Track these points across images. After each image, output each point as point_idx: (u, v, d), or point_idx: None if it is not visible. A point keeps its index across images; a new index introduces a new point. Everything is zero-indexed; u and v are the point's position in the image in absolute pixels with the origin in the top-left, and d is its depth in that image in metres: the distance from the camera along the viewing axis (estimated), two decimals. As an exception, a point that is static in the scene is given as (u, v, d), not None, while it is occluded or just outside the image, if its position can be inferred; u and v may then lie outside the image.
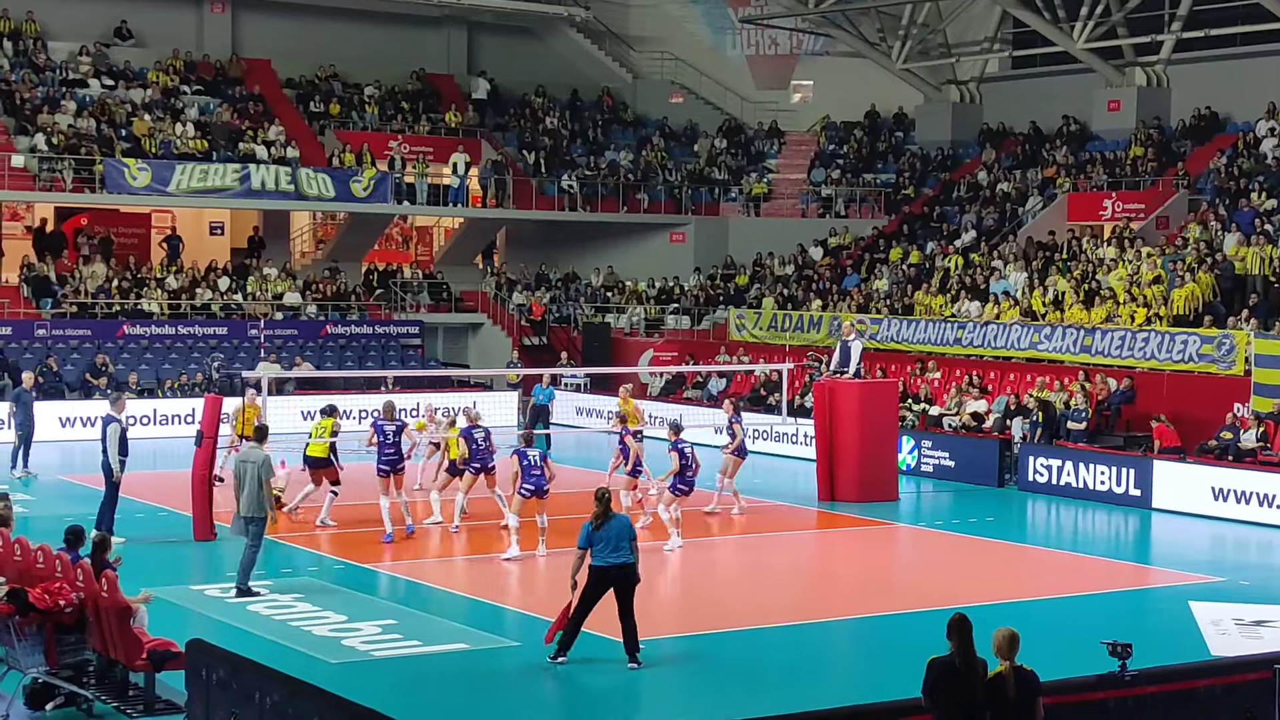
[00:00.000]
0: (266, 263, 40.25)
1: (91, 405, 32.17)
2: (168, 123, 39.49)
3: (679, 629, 16.91)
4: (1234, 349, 28.16)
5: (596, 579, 14.60)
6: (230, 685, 11.52)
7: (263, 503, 17.60)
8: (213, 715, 11.71)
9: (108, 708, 13.03)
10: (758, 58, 47.99)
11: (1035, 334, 31.67)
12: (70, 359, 34.38)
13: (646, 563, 20.59)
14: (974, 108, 44.60)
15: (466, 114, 44.20)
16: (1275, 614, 17.58)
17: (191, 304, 37.62)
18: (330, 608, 17.21)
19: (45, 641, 13.06)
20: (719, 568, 20.80)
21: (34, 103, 38.42)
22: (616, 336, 40.15)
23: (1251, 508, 24.12)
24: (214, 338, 36.64)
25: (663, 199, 44.08)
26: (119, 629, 13.12)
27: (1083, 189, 38.53)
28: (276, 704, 10.93)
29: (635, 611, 14.55)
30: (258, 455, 17.83)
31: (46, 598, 13.12)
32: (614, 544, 14.59)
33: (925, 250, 39.13)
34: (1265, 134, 36.38)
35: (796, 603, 18.67)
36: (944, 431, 29.82)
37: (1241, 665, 12.54)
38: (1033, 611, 16.94)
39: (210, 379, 33.99)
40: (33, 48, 40.28)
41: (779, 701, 11.76)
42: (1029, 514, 25.75)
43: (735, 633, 16.60)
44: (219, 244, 41.88)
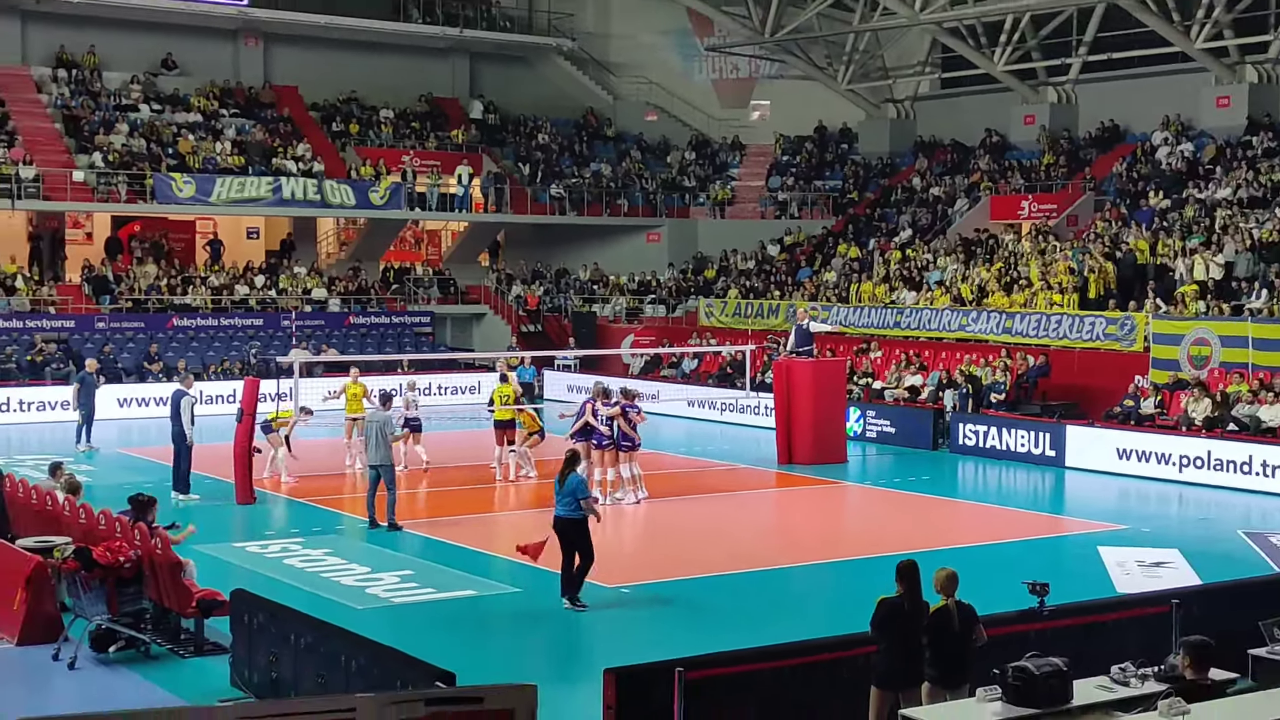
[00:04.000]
0: (296, 262, 40.13)
1: (146, 388, 32.14)
2: (209, 142, 39.29)
3: (659, 575, 16.89)
4: (1134, 329, 28.22)
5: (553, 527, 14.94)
6: (269, 629, 11.49)
7: (388, 453, 18.69)
8: (254, 655, 11.66)
9: (163, 649, 13.00)
10: (721, 81, 47.91)
11: (963, 317, 31.70)
12: (126, 348, 34.25)
13: (620, 517, 20.62)
14: (908, 123, 44.57)
15: (469, 132, 44.08)
16: (1172, 556, 17.64)
17: (231, 299, 37.48)
18: (356, 560, 17.18)
19: (107, 593, 13.02)
20: (692, 521, 20.78)
21: (92, 125, 38.18)
22: (601, 324, 40.13)
23: (1150, 465, 24.23)
24: (251, 328, 36.51)
25: (640, 204, 44.04)
26: (172, 581, 13.07)
27: (1003, 192, 38.57)
28: (309, 644, 10.89)
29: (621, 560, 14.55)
30: (381, 416, 19.02)
31: (108, 555, 13.07)
32: (563, 498, 14.70)
33: (868, 246, 39.13)
34: (1160, 143, 36.46)
35: (761, 551, 18.66)
36: (885, 402, 29.86)
37: (1143, 601, 12.59)
38: (964, 556, 16.95)
39: (248, 364, 33.87)
40: (90, 77, 40.01)
41: (749, 637, 11.74)
42: (959, 473, 25.81)
43: (709, 577, 16.58)
44: (255, 246, 41.72)
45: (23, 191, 35.21)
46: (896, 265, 36.39)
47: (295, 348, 32.96)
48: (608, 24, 47.25)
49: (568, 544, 14.84)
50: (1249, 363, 26.01)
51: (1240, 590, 13.01)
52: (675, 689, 9.32)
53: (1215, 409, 25.04)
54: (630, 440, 21.07)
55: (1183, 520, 21.07)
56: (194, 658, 12.84)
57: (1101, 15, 37.18)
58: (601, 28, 47.29)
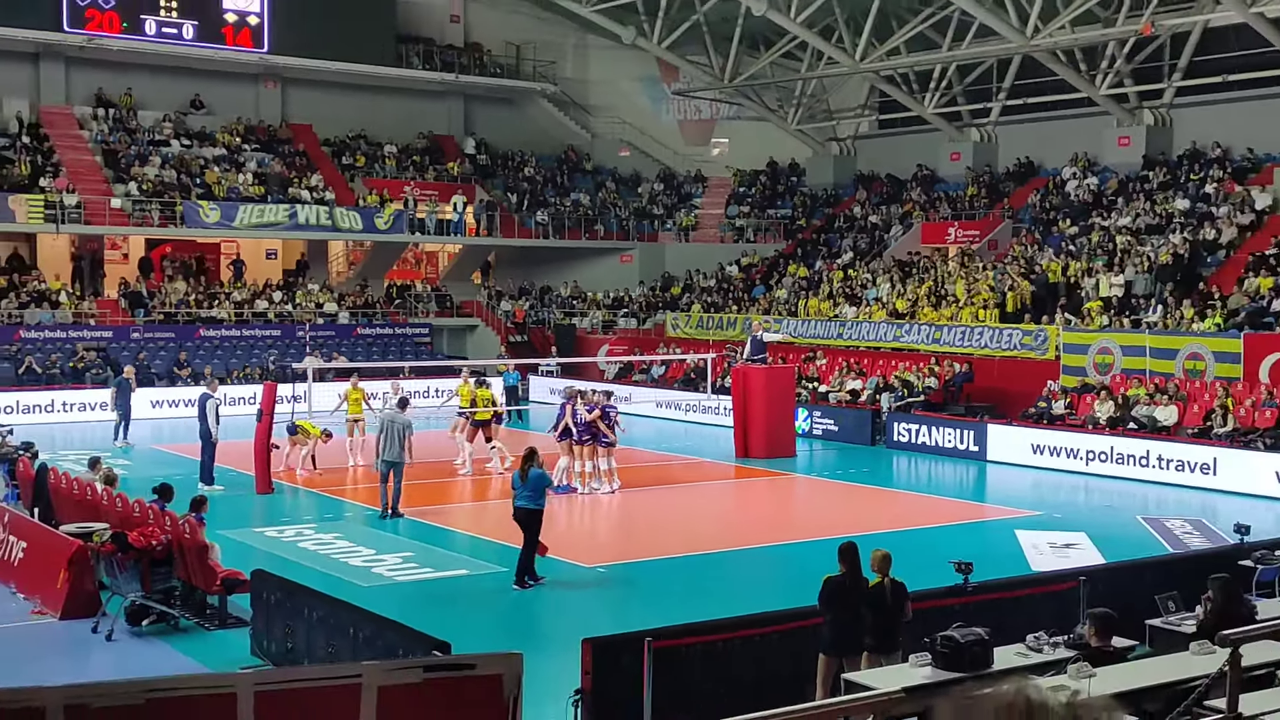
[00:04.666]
0: (310, 280, 39.93)
1: (176, 391, 31.90)
2: (232, 173, 39.06)
3: (631, 556, 16.87)
4: (1047, 339, 28.34)
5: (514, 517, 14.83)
6: (285, 604, 11.43)
7: (402, 451, 18.64)
8: (271, 627, 11.60)
9: (190, 623, 12.92)
10: (686, 121, 47.93)
11: (898, 329, 31.78)
12: (158, 356, 33.98)
13: (596, 505, 20.57)
14: (850, 159, 44.69)
15: (464, 165, 43.95)
16: (1079, 539, 17.72)
17: (252, 312, 37.25)
18: (362, 543, 17.10)
19: (141, 573, 12.94)
20: (661, 508, 20.78)
21: (128, 158, 37.91)
22: (580, 334, 40.05)
23: (1061, 459, 24.34)
24: (270, 338, 36.29)
25: (615, 229, 43.98)
26: (198, 563, 12.99)
27: (932, 219, 38.69)
28: (321, 618, 10.84)
29: (598, 543, 14.50)
30: (402, 419, 18.94)
31: (141, 539, 12.98)
32: (525, 490, 14.60)
33: (814, 267, 39.19)
34: (1069, 178, 36.64)
35: (721, 534, 18.67)
36: (829, 404, 29.90)
37: (1055, 578, 12.63)
38: (899, 539, 16.99)
39: (267, 370, 33.64)
40: (127, 116, 39.73)
41: (710, 610, 11.74)
42: (894, 466, 25.86)
43: (675, 558, 16.58)
44: (273, 266, 41.49)
45: (66, 217, 34.95)
46: (839, 284, 36.45)
47: (309, 355, 32.73)
48: (586, 71, 47.21)
49: (525, 531, 14.72)
50: (1146, 369, 26.16)
51: (1139, 568, 13.08)
52: (644, 657, 9.31)
53: (1117, 410, 25.17)
54: (608, 438, 21.02)
55: (1089, 507, 21.14)
56: (218, 630, 12.76)
57: (1018, 65, 37.37)
58: (580, 74, 47.24)
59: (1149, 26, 30.86)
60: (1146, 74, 35.03)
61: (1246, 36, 30.84)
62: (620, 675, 9.36)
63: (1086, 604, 10.88)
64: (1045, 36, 32.53)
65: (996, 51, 35.41)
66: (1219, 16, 30.25)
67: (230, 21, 39.33)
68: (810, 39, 37.67)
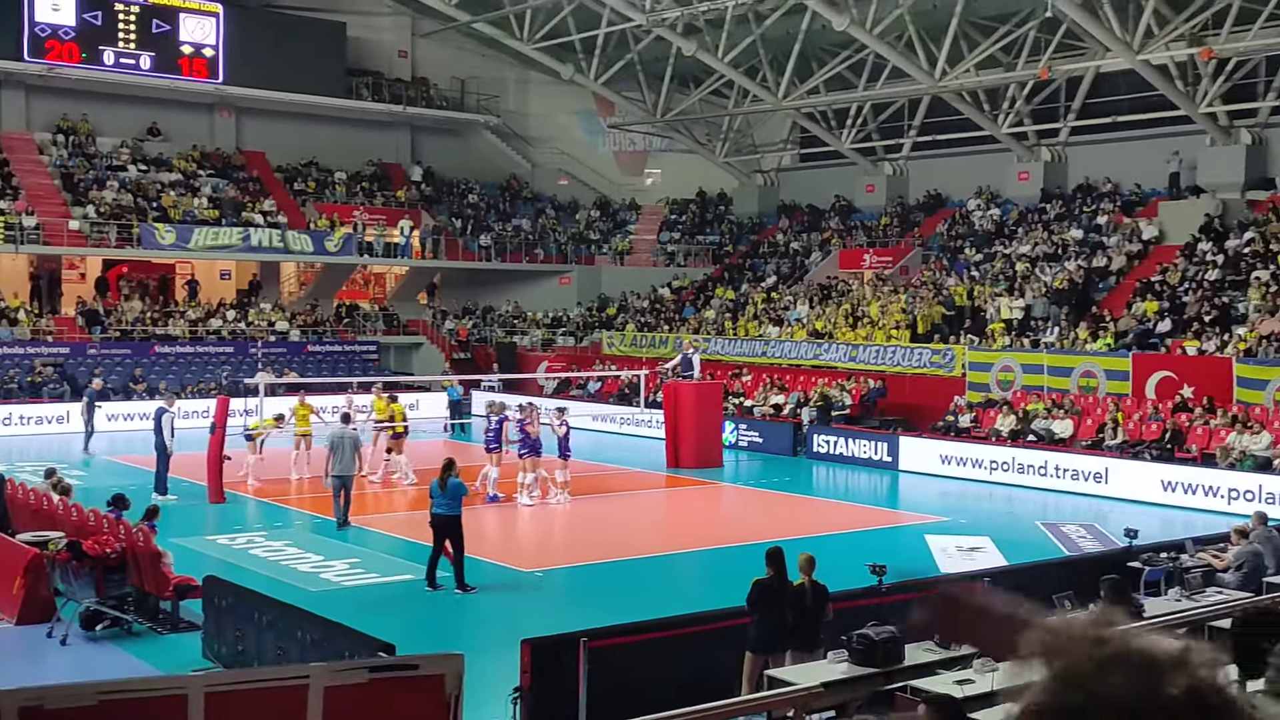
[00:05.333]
0: (262, 299, 39.41)
1: (131, 405, 31.28)
2: (188, 197, 38.46)
3: (568, 560, 16.80)
4: (954, 358, 28.67)
5: (430, 524, 14.64)
6: (236, 609, 11.23)
7: (352, 465, 18.34)
8: (222, 631, 11.39)
9: (143, 628, 12.65)
10: (621, 152, 48.02)
11: (817, 348, 32.00)
12: (114, 371, 33.31)
13: (549, 513, 20.46)
14: (773, 189, 45.01)
15: (410, 192, 43.66)
16: (984, 543, 17.90)
17: (207, 330, 36.67)
18: (311, 550, 16.86)
19: (95, 580, 12.64)
20: (596, 515, 20.72)
21: (86, 182, 37.21)
22: (521, 351, 39.89)
23: (967, 469, 24.59)
24: (223, 355, 35.73)
25: (554, 253, 43.91)
26: (152, 569, 12.73)
27: (849, 246, 39.03)
28: (270, 622, 10.66)
29: (535, 548, 14.41)
30: (352, 433, 18.66)
31: (96, 547, 12.69)
32: (443, 498, 14.44)
33: (740, 290, 39.38)
34: (974, 209, 37.16)
35: (653, 540, 18.64)
36: (754, 417, 30.02)
37: (961, 579, 12.75)
38: (819, 543, 17.03)
39: (220, 385, 33.11)
40: (85, 142, 39.01)
41: (643, 611, 11.70)
42: (814, 475, 25.98)
43: (610, 562, 16.53)
44: (227, 286, 40.88)
45: (25, 238, 34.21)
46: (763, 305, 36.66)
47: (261, 371, 32.26)
48: (526, 104, 47.15)
49: (442, 539, 14.56)
50: (1044, 386, 26.56)
51: (1037, 570, 13.24)
52: (580, 656, 9.25)
53: (1018, 423, 25.51)
54: (534, 445, 20.57)
55: (992, 513, 21.36)
56: (170, 634, 12.51)
57: (928, 105, 37.87)
58: (521, 107, 47.17)
59: (1046, 71, 31.45)
60: (1044, 114, 35.66)
61: (1133, 81, 31.52)
62: (558, 674, 9.30)
63: (991, 603, 10.98)
64: (952, 79, 33.04)
65: (907, 92, 35.86)
66: (1109, 63, 30.89)
67: (186, 54, 38.78)
68: (736, 78, 37.95)
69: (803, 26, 34.54)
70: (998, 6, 31.92)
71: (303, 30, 40.80)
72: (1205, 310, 26.23)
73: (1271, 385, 23.12)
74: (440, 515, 14.52)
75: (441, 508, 14.50)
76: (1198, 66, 29.94)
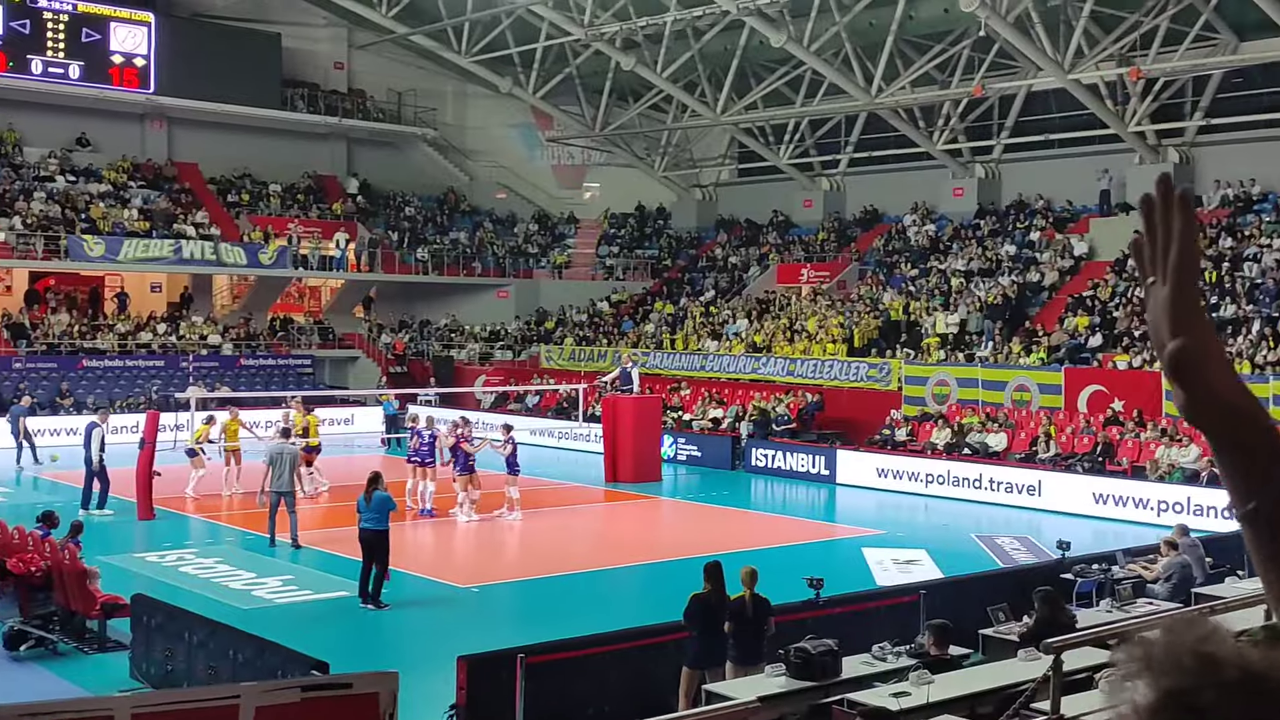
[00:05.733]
0: (194, 313, 38.85)
1: (58, 420, 30.60)
2: (118, 209, 37.82)
3: (506, 576, 16.72)
4: (890, 372, 28.96)
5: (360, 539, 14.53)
6: (165, 628, 11.04)
7: (293, 481, 17.97)
8: (151, 651, 11.18)
9: (69, 648, 12.37)
10: (559, 166, 48.01)
11: (755, 362, 32.16)
12: (41, 385, 32.59)
13: (486, 528, 20.33)
14: (712, 204, 45.24)
15: (347, 204, 43.31)
16: (920, 555, 18.07)
17: (136, 343, 36.05)
18: (243, 567, 16.61)
19: (20, 598, 12.35)
20: (532, 531, 20.62)
21: (12, 193, 36.45)
22: (458, 366, 39.65)
23: (903, 482, 24.80)
24: (154, 369, 35.10)
25: (492, 266, 43.75)
26: (78, 588, 12.46)
27: (787, 261, 39.30)
28: (201, 641, 10.49)
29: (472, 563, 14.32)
30: (291, 449, 18.32)
31: (20, 565, 12.41)
32: (369, 513, 14.39)
33: (679, 304, 39.49)
34: (910, 224, 37.59)
35: (592, 554, 18.60)
36: (693, 431, 30.08)
37: (897, 592, 12.86)
38: (757, 557, 17.06)
39: (150, 399, 32.56)
40: (12, 152, 38.25)
41: (581, 626, 11.66)
42: (753, 489, 26.07)
43: (548, 577, 16.46)
44: (158, 299, 40.25)
45: (-51, 249, 33.47)
46: (702, 320, 36.79)
47: (192, 385, 31.82)
48: (464, 117, 47.00)
49: (370, 553, 14.45)
50: (979, 400, 26.90)
51: (973, 582, 13.38)
52: (517, 672, 9.20)
53: (953, 436, 25.82)
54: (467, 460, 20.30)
55: (928, 526, 21.58)
56: (97, 654, 12.24)
57: (864, 121, 38.29)
58: (459, 120, 47.02)
59: (980, 89, 31.96)
60: (978, 131, 36.21)
61: (1064, 100, 32.13)
62: (494, 690, 9.24)
63: (926, 615, 11.08)
64: (888, 96, 33.46)
65: (844, 108, 36.24)
66: (1041, 82, 31.46)
67: (117, 63, 38.18)
68: (675, 93, 38.14)
69: (741, 42, 34.82)
70: (932, 25, 32.40)
71: (237, 41, 40.36)
72: (1135, 325, 26.76)
73: (1198, 399, 23.57)
74: (368, 530, 14.40)
75: (369, 522, 14.38)
76: (1126, 86, 30.60)
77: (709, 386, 32.22)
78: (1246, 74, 30.41)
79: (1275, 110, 30.32)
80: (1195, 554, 13.67)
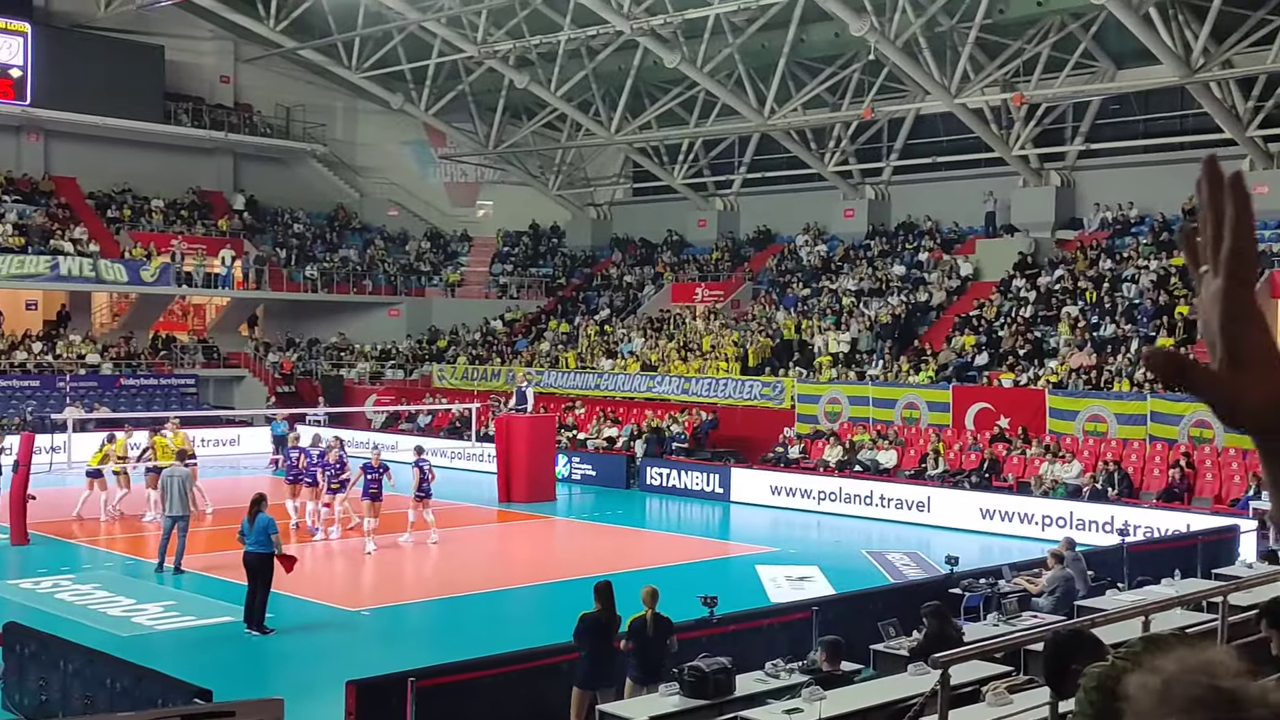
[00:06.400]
0: (72, 331, 37.64)
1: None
2: (-9, 223, 36.56)
3: (397, 598, 16.47)
4: (784, 390, 29.30)
5: (244, 562, 14.30)
6: (40, 657, 10.65)
7: (187, 504, 17.49)
8: (25, 681, 10.77)
9: (-66, 680, 11.82)
10: (452, 184, 47.70)
11: (650, 381, 32.27)
12: (-93, 406, 31.32)
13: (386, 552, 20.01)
14: (606, 223, 45.36)
15: (233, 221, 42.44)
16: (812, 572, 18.27)
17: (10, 363, 34.79)
18: (122, 593, 16.11)
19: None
20: (424, 552, 20.36)
21: (-123, 205, 34.98)
22: (348, 385, 39.05)
23: (796, 499, 25.07)
24: (29, 389, 33.91)
25: (383, 284, 43.24)
26: (-56, 617, 11.94)
27: (682, 280, 39.54)
28: (77, 669, 10.14)
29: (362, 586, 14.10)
30: (182, 471, 17.81)
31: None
32: (253, 535, 14.19)
33: (574, 323, 39.47)
34: (801, 244, 38.12)
35: (484, 576, 18.43)
36: (587, 450, 30.05)
37: (790, 609, 12.97)
38: (652, 575, 17.08)
39: (25, 420, 31.42)
40: (-123, 162, 36.76)
41: (473, 649, 11.55)
42: (648, 508, 26.13)
43: (440, 599, 16.28)
44: (34, 316, 38.90)
45: None
46: (597, 338, 36.82)
47: (69, 406, 30.81)
48: (355, 133, 46.44)
49: (254, 577, 14.18)
50: (870, 417, 27.35)
51: (864, 598, 13.57)
52: (408, 696, 9.07)
53: (845, 454, 26.20)
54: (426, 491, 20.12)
55: (820, 543, 21.83)
56: (-35, 687, 11.73)
57: (757, 142, 38.79)
58: (349, 136, 46.44)
59: (869, 111, 32.64)
60: (868, 154, 36.96)
61: (952, 124, 32.97)
62: (384, 716, 9.10)
63: (818, 632, 11.20)
64: (780, 117, 33.97)
65: (737, 129, 36.68)
66: (928, 106, 32.25)
67: (-9, 72, 36.97)
68: (569, 111, 38.21)
69: (635, 62, 35.05)
70: (824, 49, 33.01)
71: (118, 53, 39.31)
72: (1020, 344, 27.50)
73: (1081, 416, 24.36)
74: (253, 554, 14.11)
75: (253, 545, 14.10)
76: (1010, 111, 31.53)
77: (604, 405, 32.23)
78: (1124, 101, 31.57)
79: (1152, 136, 31.57)
80: (1078, 567, 14.06)
